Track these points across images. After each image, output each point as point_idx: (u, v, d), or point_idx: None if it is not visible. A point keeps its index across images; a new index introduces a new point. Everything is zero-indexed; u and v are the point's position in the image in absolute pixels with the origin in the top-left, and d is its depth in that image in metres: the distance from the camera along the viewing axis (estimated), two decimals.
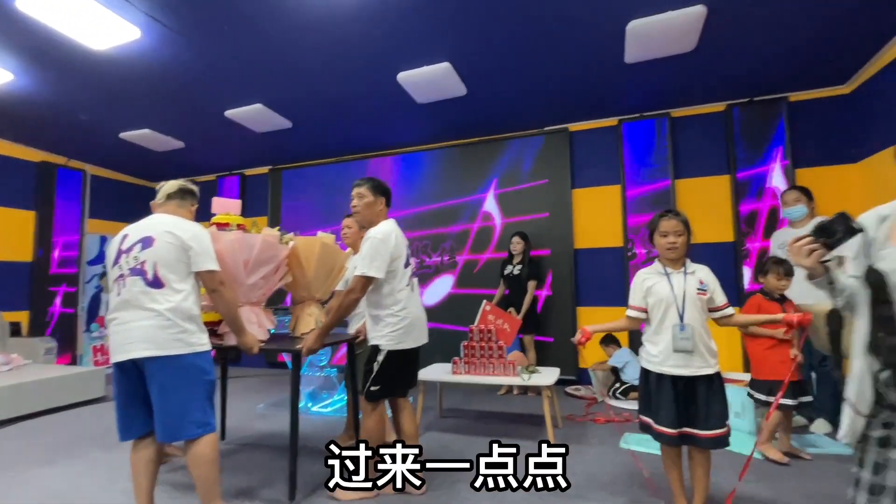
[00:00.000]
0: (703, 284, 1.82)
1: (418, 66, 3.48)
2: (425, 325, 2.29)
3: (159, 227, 1.83)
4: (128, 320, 1.73)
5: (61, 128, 4.70)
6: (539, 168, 4.71)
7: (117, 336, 1.74)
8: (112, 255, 1.83)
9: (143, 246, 1.79)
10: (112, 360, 1.77)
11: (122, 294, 1.75)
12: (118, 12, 2.83)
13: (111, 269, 1.82)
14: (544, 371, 3.08)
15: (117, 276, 1.78)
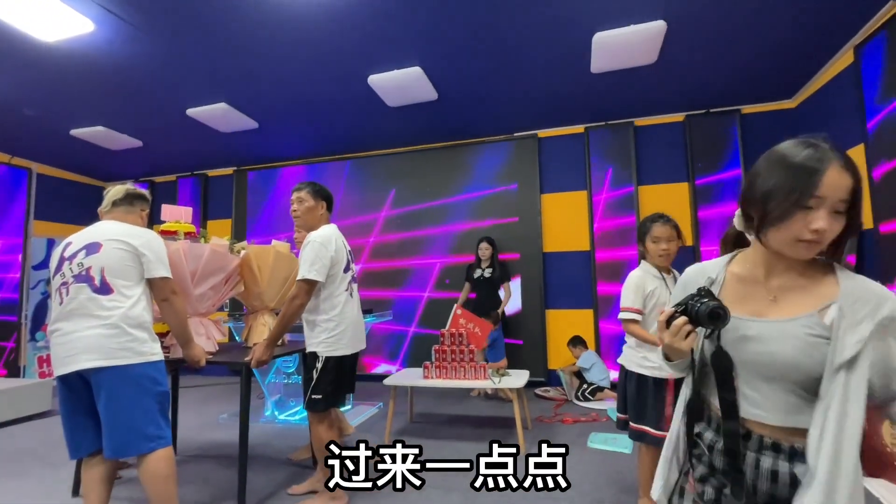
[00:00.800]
0: None
1: (389, 70, 3.46)
2: (363, 331, 2.29)
3: (107, 234, 1.76)
4: (71, 330, 1.64)
5: (5, 124, 4.39)
6: (509, 173, 4.78)
7: (60, 348, 1.65)
8: (54, 263, 1.75)
9: (88, 252, 1.71)
10: (56, 373, 1.67)
11: (66, 303, 1.66)
12: (69, 3, 2.68)
13: (53, 279, 1.73)
14: (514, 373, 3.12)
15: (59, 285, 1.70)
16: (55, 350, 1.67)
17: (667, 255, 1.86)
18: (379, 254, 5.06)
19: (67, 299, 1.66)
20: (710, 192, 4.20)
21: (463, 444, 2.96)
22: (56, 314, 1.69)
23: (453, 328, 3.09)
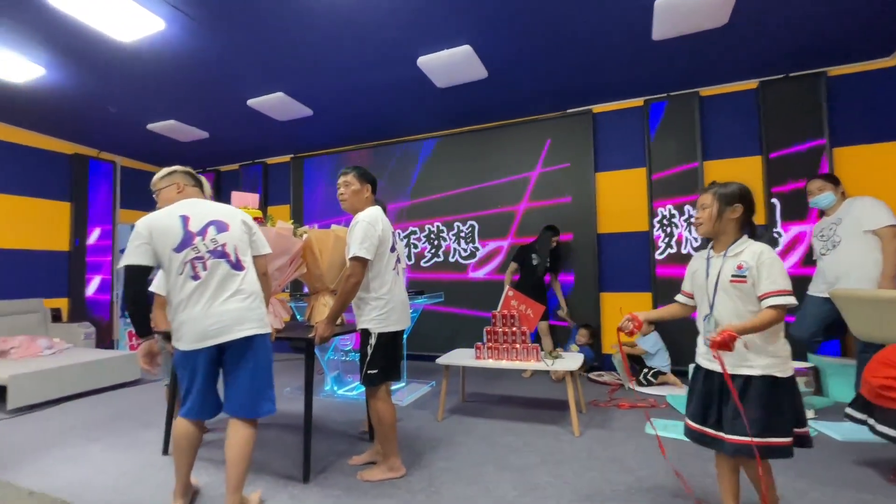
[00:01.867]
0: (741, 269, 1.53)
1: (438, 50, 3.43)
2: (408, 310, 2.36)
3: (224, 213, 1.89)
4: (223, 301, 1.75)
5: (92, 120, 4.84)
6: (561, 151, 4.63)
7: (204, 321, 1.73)
8: (177, 236, 1.76)
9: (218, 229, 1.82)
10: (200, 345, 1.74)
11: (205, 278, 1.74)
12: (143, 3, 2.87)
13: (179, 253, 1.75)
14: (568, 356, 3.07)
15: (193, 258, 1.75)
16: (195, 323, 1.73)
17: (698, 225, 1.67)
18: (430, 237, 5.12)
19: (206, 274, 1.75)
20: (786, 165, 3.83)
21: (515, 423, 2.97)
22: (193, 287, 1.74)
23: (505, 310, 3.07)
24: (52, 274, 5.31)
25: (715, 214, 1.62)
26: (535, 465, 2.35)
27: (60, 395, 3.69)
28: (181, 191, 1.99)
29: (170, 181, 2.00)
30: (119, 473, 2.33)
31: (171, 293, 1.80)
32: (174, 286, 1.78)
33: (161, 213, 1.83)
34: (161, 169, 2.07)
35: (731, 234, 1.62)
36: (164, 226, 1.78)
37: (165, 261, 1.78)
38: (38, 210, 5.18)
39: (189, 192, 1.99)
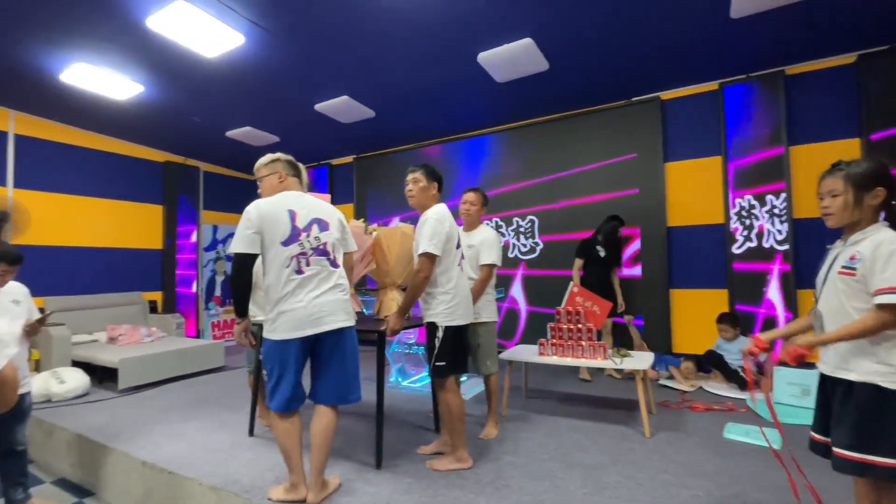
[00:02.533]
0: (854, 260, 1.33)
1: (498, 45, 3.42)
2: (471, 305, 2.41)
3: (324, 211, 1.97)
4: (319, 295, 1.85)
5: (180, 130, 5.33)
6: (627, 141, 4.44)
7: (308, 309, 1.82)
8: (285, 231, 1.84)
9: (321, 228, 1.92)
10: (302, 334, 1.82)
11: (308, 273, 1.85)
12: (226, 21, 3.12)
13: (286, 247, 1.83)
14: (637, 355, 2.96)
15: (297, 254, 1.84)
16: (295, 314, 1.81)
17: (828, 216, 1.43)
18: None
19: (309, 269, 1.85)
20: (891, 148, 3.41)
21: (581, 421, 2.92)
22: (298, 281, 1.83)
23: (569, 306, 3.02)
24: (148, 270, 5.93)
25: (851, 202, 1.36)
26: (604, 464, 2.30)
27: (159, 378, 4.13)
28: (283, 180, 2.04)
29: (272, 169, 2.05)
30: (213, 450, 2.58)
31: (272, 284, 1.86)
32: (277, 278, 1.84)
33: (270, 204, 1.88)
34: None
35: (869, 222, 1.37)
36: (275, 217, 1.85)
37: (271, 252, 1.85)
38: (135, 213, 5.80)
39: (289, 183, 2.05)
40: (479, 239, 2.74)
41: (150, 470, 2.37)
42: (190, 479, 2.20)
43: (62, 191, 5.08)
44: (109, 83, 4.00)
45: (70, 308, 4.73)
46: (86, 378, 3.85)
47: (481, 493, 2.02)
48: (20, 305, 2.28)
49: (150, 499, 2.35)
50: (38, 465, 2.97)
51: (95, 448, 2.70)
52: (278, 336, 1.84)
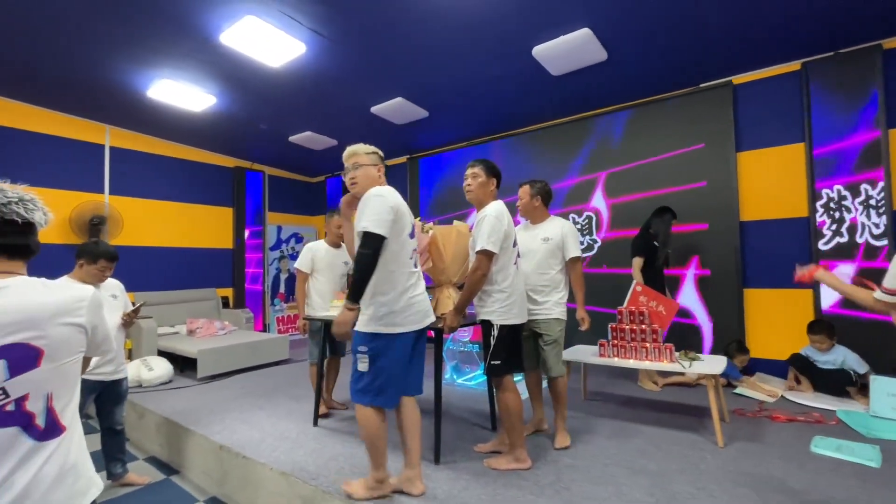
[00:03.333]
0: None
1: (554, 38, 3.33)
2: (526, 304, 2.37)
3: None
4: (423, 290, 1.97)
5: (246, 136, 5.69)
6: (693, 131, 4.16)
7: (423, 303, 1.95)
8: (409, 224, 1.95)
9: (412, 233, 1.99)
10: (416, 326, 1.91)
11: (417, 267, 1.98)
12: (289, 32, 3.28)
13: (411, 239, 1.95)
14: (707, 358, 2.77)
15: (413, 248, 1.96)
16: (420, 306, 1.92)
17: None
18: None
19: (416, 265, 1.99)
20: None
21: (645, 426, 2.78)
22: (416, 275, 1.96)
23: (632, 306, 2.89)
24: (221, 268, 6.40)
25: None
26: (671, 472, 2.18)
27: (231, 369, 4.44)
28: (381, 173, 2.04)
29: (374, 160, 2.02)
30: (281, 438, 2.73)
31: (396, 276, 1.87)
32: (402, 270, 1.88)
33: (397, 196, 1.91)
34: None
35: None
36: (404, 210, 1.91)
37: (398, 242, 1.87)
38: (209, 215, 6.27)
39: (384, 180, 2.05)
40: (554, 231, 2.63)
41: (227, 453, 2.56)
42: (262, 464, 2.34)
43: (147, 196, 5.60)
44: (187, 96, 4.35)
45: (154, 302, 5.21)
46: (170, 366, 4.22)
47: (541, 495, 1.98)
48: (117, 299, 2.55)
49: (227, 480, 2.54)
50: (132, 444, 3.29)
51: (180, 430, 2.96)
52: (403, 328, 1.87)
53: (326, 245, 3.32)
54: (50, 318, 0.95)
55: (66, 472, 0.97)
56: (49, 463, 0.94)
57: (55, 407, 0.96)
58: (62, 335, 0.97)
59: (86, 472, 1.02)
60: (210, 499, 2.54)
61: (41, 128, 4.71)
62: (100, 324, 1.07)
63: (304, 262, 3.25)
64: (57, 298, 0.98)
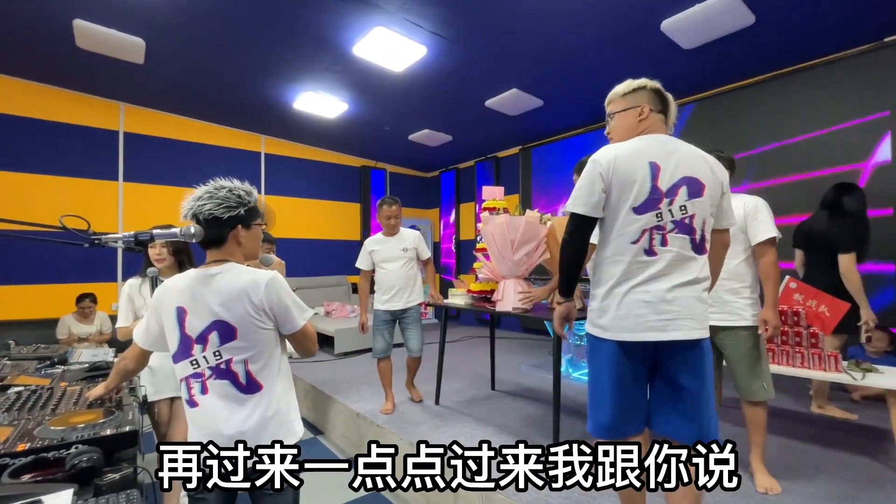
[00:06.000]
0: None
1: (689, 7, 3.03)
2: None
3: (703, 168, 1.36)
4: (674, 287, 1.32)
5: (372, 138, 6.22)
6: (872, 97, 3.43)
7: (655, 306, 1.31)
8: (642, 192, 1.32)
9: (690, 192, 1.33)
10: (640, 337, 1.32)
11: (660, 252, 1.32)
12: (412, 37, 3.51)
13: (639, 216, 1.33)
14: (889, 371, 2.31)
15: (652, 227, 1.32)
16: (640, 308, 1.32)
17: None
18: None
19: (664, 250, 1.31)
20: None
21: (800, 443, 2.43)
22: (646, 265, 1.33)
23: (784, 304, 2.53)
24: (350, 257, 7.11)
25: None
26: (839, 497, 1.89)
27: (361, 348, 4.95)
28: (644, 117, 1.45)
29: (631, 101, 1.48)
30: (407, 411, 2.99)
31: (608, 261, 1.40)
32: (619, 255, 1.36)
33: (628, 152, 1.36)
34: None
35: None
36: (631, 172, 1.33)
37: (617, 219, 1.36)
38: (340, 210, 7.01)
39: (653, 122, 1.45)
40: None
41: (363, 421, 2.89)
42: (393, 434, 2.60)
43: (291, 194, 6.48)
44: (325, 105, 4.92)
45: (299, 287, 6.03)
46: None
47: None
48: None
49: (363, 444, 2.87)
50: None
51: (324, 397, 3.42)
52: (609, 334, 1.37)
53: (382, 236, 3.15)
54: (235, 299, 1.19)
55: (268, 419, 1.22)
56: (254, 412, 1.20)
57: (251, 370, 1.21)
58: (242, 313, 1.19)
59: (288, 421, 1.27)
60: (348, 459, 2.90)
61: (215, 141, 5.74)
62: (277, 305, 1.25)
63: (363, 260, 3.15)
64: (242, 283, 1.21)
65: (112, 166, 4.99)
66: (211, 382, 1.18)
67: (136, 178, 5.11)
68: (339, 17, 3.29)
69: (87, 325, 4.16)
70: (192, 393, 1.19)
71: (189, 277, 1.22)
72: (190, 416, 1.22)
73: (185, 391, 1.20)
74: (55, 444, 1.11)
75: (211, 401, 1.18)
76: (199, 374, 1.18)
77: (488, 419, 2.87)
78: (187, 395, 1.20)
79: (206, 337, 1.18)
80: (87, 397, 1.46)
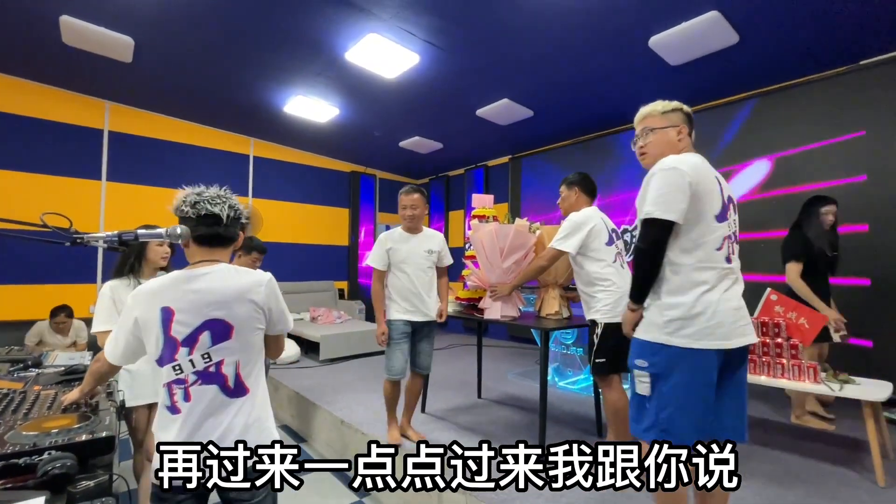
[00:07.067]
0: None
1: (676, 24, 3.11)
2: None
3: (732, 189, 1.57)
4: (738, 296, 1.44)
5: (362, 143, 6.22)
6: (849, 117, 3.55)
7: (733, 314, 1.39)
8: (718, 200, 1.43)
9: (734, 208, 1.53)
10: (722, 345, 1.36)
11: (733, 261, 1.45)
12: (405, 45, 3.53)
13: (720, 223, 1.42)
14: (866, 382, 2.37)
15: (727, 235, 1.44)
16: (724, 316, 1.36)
17: None
18: None
19: (734, 258, 1.47)
20: None
21: (779, 452, 2.47)
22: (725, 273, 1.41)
23: (765, 316, 2.58)
24: (338, 263, 7.07)
25: None
26: None
27: (348, 354, 4.90)
28: (682, 137, 1.55)
29: (672, 121, 1.56)
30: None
31: (689, 268, 1.40)
32: (703, 262, 1.40)
33: (696, 161, 1.44)
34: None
35: None
36: (708, 181, 1.42)
37: (700, 226, 1.40)
38: (329, 215, 6.97)
39: (687, 143, 1.55)
40: None
41: (348, 429, 2.85)
42: (379, 442, 2.57)
43: (279, 198, 6.42)
44: (316, 109, 4.91)
45: (285, 292, 5.94)
46: (297, 348, 4.80)
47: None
48: None
49: (347, 453, 2.83)
50: None
51: (308, 404, 3.37)
52: (702, 343, 1.36)
53: (402, 232, 2.66)
54: (236, 299, 1.18)
55: (251, 424, 1.20)
56: (238, 416, 1.18)
57: (241, 372, 1.19)
58: (245, 312, 1.19)
59: (267, 429, 1.25)
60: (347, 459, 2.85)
61: (202, 142, 5.67)
62: (275, 305, 1.26)
63: (378, 258, 2.59)
64: (242, 282, 1.21)
65: (95, 165, 4.89)
66: (195, 388, 1.15)
67: (119, 178, 5.02)
68: (333, 23, 3.29)
69: (62, 337, 3.95)
70: (175, 399, 1.15)
71: (175, 277, 1.18)
72: (166, 422, 1.16)
73: (167, 397, 1.15)
74: (27, 450, 1.07)
75: (194, 407, 1.15)
76: (182, 381, 1.14)
77: (474, 427, 2.86)
78: (169, 401, 1.15)
79: (195, 338, 1.14)
80: (61, 402, 1.42)
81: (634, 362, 1.49)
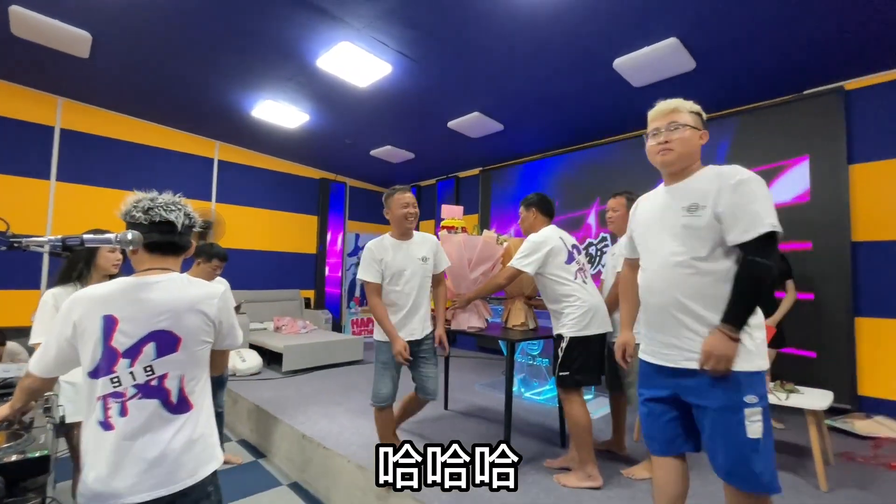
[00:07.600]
0: None
1: (638, 49, 3.26)
2: (606, 314, 2.32)
3: None
4: None
5: (333, 151, 6.14)
6: (795, 143, 3.81)
7: None
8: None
9: None
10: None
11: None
12: (377, 54, 3.53)
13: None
14: (809, 392, 2.51)
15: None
16: None
17: None
18: None
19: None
20: None
21: None
22: None
23: None
24: (304, 271, 6.91)
25: None
26: None
27: (312, 365, 4.77)
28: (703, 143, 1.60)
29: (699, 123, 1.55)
30: (357, 433, 2.89)
31: None
32: None
33: None
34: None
35: None
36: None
37: None
38: (296, 222, 6.82)
39: None
40: None
41: (309, 443, 2.77)
42: (341, 456, 2.50)
43: (245, 204, 6.24)
44: (285, 115, 4.82)
45: (249, 300, 5.76)
46: (259, 359, 4.64)
47: None
48: None
49: (308, 468, 2.74)
50: (227, 426, 3.66)
51: (268, 418, 3.25)
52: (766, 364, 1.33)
53: (392, 239, 2.38)
54: (186, 310, 1.13)
55: (194, 441, 1.13)
56: (180, 433, 1.11)
57: (186, 387, 1.14)
58: (194, 324, 1.14)
59: (211, 445, 1.19)
60: (292, 483, 2.76)
61: (163, 143, 5.46)
62: (226, 318, 1.23)
63: (371, 271, 2.27)
64: (194, 293, 1.16)
65: (44, 164, 4.61)
66: (133, 402, 1.07)
67: (70, 178, 4.75)
68: (305, 29, 3.26)
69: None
70: (109, 414, 1.06)
71: (122, 284, 1.12)
72: (98, 440, 1.06)
73: (101, 412, 1.06)
74: None
75: (130, 423, 1.06)
76: (120, 394, 1.06)
77: (440, 438, 2.83)
78: (102, 416, 1.06)
79: (138, 349, 1.08)
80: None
81: (743, 400, 1.25)
